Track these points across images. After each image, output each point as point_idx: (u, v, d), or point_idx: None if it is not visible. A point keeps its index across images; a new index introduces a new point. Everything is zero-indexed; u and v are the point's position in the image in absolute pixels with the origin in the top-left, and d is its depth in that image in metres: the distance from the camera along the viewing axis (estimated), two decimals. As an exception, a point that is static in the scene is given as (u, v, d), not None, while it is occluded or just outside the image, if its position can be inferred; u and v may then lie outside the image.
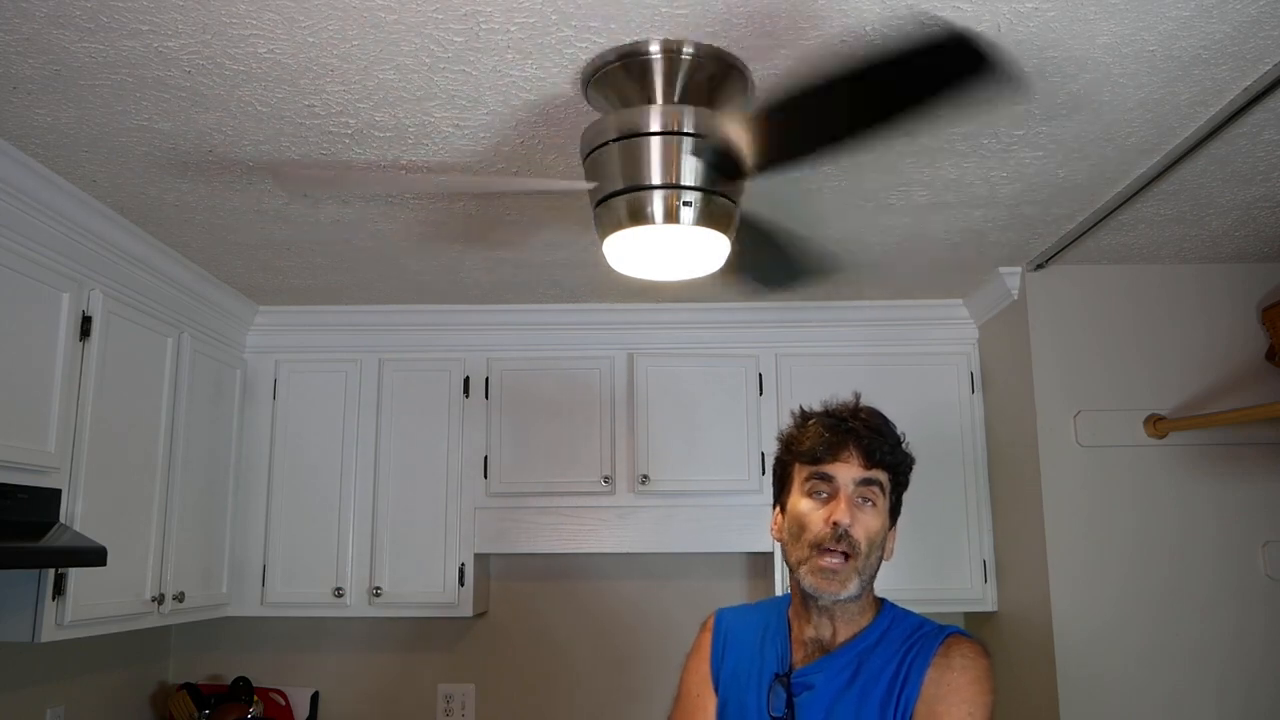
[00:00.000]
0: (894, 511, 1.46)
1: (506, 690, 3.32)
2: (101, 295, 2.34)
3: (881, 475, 1.43)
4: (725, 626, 1.58)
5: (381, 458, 3.13)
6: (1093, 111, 1.83)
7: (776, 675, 1.45)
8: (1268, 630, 2.59)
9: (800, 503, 1.44)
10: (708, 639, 1.59)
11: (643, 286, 2.90)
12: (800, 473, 1.46)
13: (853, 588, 1.39)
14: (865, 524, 1.40)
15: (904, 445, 1.47)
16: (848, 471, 1.41)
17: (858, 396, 1.50)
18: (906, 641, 1.41)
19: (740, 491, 3.07)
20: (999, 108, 1.74)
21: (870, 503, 1.42)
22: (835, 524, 1.39)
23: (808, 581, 1.40)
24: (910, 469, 1.48)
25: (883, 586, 1.47)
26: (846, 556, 1.39)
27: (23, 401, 2.08)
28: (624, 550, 3.12)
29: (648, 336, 3.20)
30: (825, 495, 1.42)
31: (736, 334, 3.19)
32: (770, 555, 3.12)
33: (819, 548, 1.40)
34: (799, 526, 1.43)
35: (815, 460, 1.43)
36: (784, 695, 1.43)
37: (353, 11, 1.49)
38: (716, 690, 1.53)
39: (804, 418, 1.50)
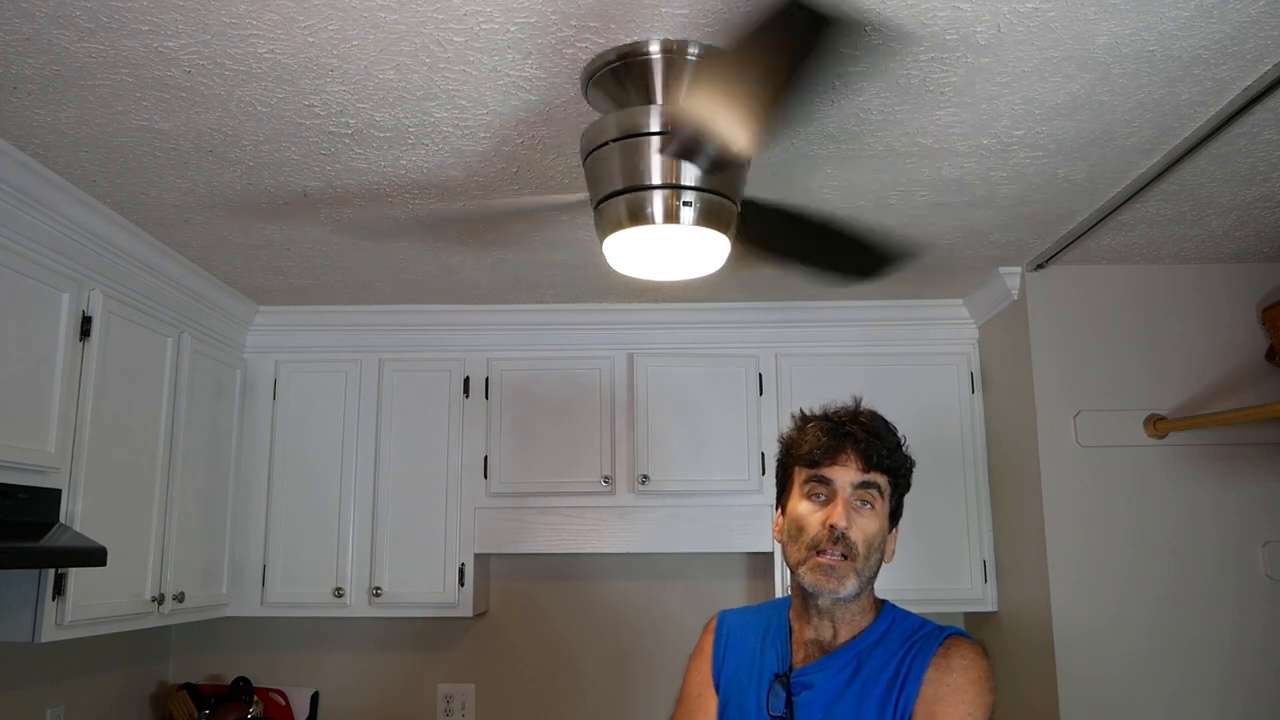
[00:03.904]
0: (894, 514, 1.47)
1: (507, 690, 3.32)
2: (101, 295, 2.34)
3: (880, 478, 1.43)
4: (727, 628, 1.59)
5: (381, 458, 3.13)
6: (1093, 111, 1.83)
7: (776, 675, 1.46)
8: (1268, 630, 2.59)
9: (799, 505, 1.45)
10: (709, 640, 1.60)
11: (643, 286, 2.90)
12: (799, 475, 1.47)
13: (851, 586, 1.40)
14: (863, 527, 1.41)
15: (904, 448, 1.47)
16: (845, 475, 1.42)
17: (858, 401, 1.51)
18: (906, 642, 1.42)
19: (740, 491, 3.07)
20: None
21: (868, 505, 1.42)
22: (832, 526, 1.39)
23: (807, 580, 1.41)
24: (911, 471, 1.49)
25: (883, 587, 1.47)
26: (844, 557, 1.39)
27: (23, 401, 2.08)
28: (624, 550, 3.12)
29: (648, 336, 3.20)
30: (823, 498, 1.43)
31: (736, 334, 3.19)
32: (770, 555, 3.12)
33: (816, 549, 1.40)
34: (797, 528, 1.44)
35: (813, 463, 1.44)
36: (783, 695, 1.43)
37: (353, 11, 1.49)
38: (718, 691, 1.53)
39: (804, 421, 1.51)
